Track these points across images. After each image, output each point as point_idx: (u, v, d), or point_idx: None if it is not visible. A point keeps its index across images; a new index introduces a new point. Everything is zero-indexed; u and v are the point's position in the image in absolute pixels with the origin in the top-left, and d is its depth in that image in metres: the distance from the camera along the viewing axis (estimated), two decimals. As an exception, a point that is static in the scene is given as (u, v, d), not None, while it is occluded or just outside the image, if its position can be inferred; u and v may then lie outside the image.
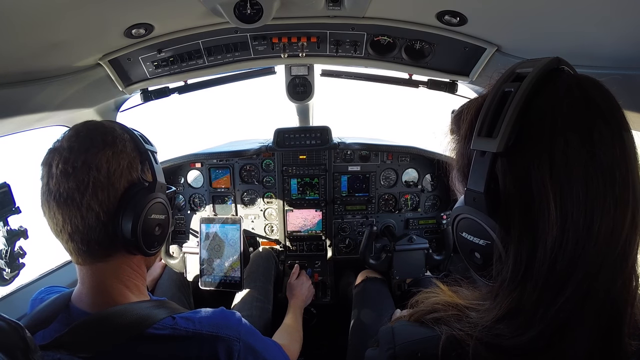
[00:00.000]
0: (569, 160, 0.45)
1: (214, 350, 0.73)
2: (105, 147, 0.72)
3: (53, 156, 0.71)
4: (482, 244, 0.52)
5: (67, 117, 1.43)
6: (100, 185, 0.70)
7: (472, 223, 0.53)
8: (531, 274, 0.46)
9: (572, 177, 0.45)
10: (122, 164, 0.74)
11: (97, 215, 0.70)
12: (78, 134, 0.73)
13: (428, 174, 2.11)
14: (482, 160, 0.50)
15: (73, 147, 0.70)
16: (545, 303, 0.46)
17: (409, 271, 1.76)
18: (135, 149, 0.78)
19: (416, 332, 0.57)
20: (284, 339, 1.30)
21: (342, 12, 1.20)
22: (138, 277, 0.82)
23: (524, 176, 0.47)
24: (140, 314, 0.73)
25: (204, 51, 1.38)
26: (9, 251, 1.07)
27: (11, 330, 0.55)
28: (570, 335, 0.46)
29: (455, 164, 0.63)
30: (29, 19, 0.80)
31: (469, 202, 0.53)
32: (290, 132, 2.00)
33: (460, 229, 0.56)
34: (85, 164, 0.69)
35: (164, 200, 0.83)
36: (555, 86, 0.49)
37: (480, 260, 0.54)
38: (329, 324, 1.96)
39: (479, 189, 0.51)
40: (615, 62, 0.86)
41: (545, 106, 0.48)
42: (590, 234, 0.44)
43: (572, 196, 0.44)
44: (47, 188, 0.71)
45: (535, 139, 0.47)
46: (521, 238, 0.47)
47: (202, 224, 1.61)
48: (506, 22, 1.01)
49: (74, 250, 0.73)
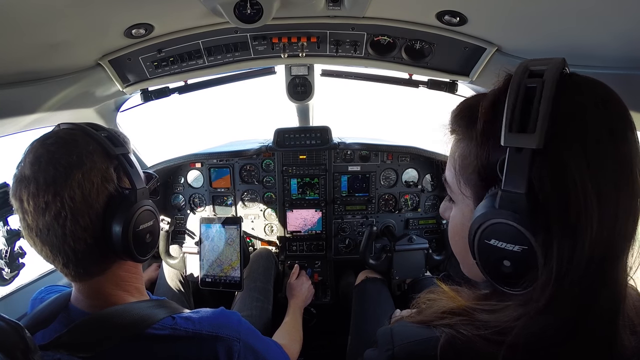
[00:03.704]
0: (601, 156, 0.45)
1: (213, 350, 0.73)
2: (73, 171, 0.66)
3: (20, 189, 0.66)
4: (518, 250, 0.47)
5: (67, 117, 1.43)
6: (79, 212, 0.66)
7: (506, 228, 0.48)
8: (570, 273, 0.45)
9: (604, 172, 0.45)
10: (96, 181, 0.68)
11: (84, 241, 0.68)
12: (39, 160, 0.66)
13: (428, 174, 2.11)
14: (518, 157, 0.46)
15: (38, 180, 0.65)
16: (574, 297, 0.46)
17: (409, 271, 1.76)
18: (104, 158, 0.71)
19: (415, 333, 0.57)
20: (284, 338, 1.31)
21: (342, 12, 1.20)
22: (136, 278, 0.82)
23: (561, 172, 0.45)
24: (140, 314, 0.73)
25: (204, 51, 1.38)
26: (9, 251, 1.07)
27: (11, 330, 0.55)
28: (580, 329, 0.47)
29: (460, 166, 0.58)
30: (29, 19, 0.80)
31: (505, 205, 0.47)
32: (290, 132, 2.00)
33: (488, 236, 0.50)
34: (56, 196, 0.64)
35: (149, 206, 0.78)
36: (576, 83, 0.49)
37: (510, 268, 0.49)
38: (329, 324, 1.96)
39: (519, 190, 0.46)
40: (615, 62, 0.86)
41: (572, 103, 0.47)
42: (615, 227, 0.45)
43: (606, 190, 0.45)
44: (25, 223, 0.67)
45: (569, 135, 0.46)
46: (563, 238, 0.45)
47: (202, 224, 1.61)
48: (506, 22, 1.01)
49: (71, 273, 0.72)
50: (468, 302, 0.59)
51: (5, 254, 1.07)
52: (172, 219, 2.10)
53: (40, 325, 0.72)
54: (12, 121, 1.15)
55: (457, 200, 0.61)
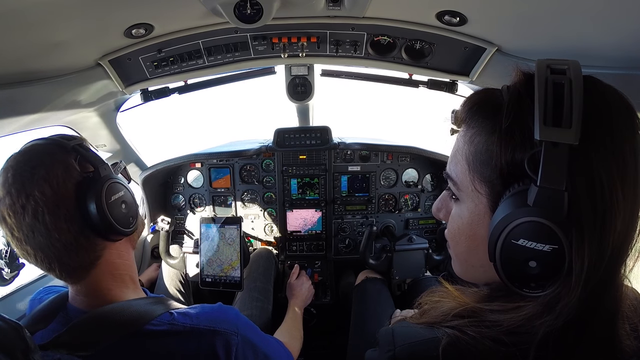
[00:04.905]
0: (626, 155, 0.46)
1: (212, 344, 0.73)
2: (36, 170, 0.70)
3: (0, 209, 0.70)
4: (548, 249, 0.46)
5: (67, 117, 1.43)
6: (54, 204, 0.70)
7: (537, 227, 0.46)
8: (596, 273, 0.45)
9: (628, 171, 0.46)
10: (59, 173, 0.72)
11: (68, 231, 0.71)
12: (7, 178, 0.71)
13: (428, 174, 2.11)
14: (555, 153, 0.44)
15: (11, 192, 0.69)
16: (589, 298, 0.46)
17: (409, 271, 1.76)
18: (62, 151, 0.76)
19: (417, 333, 0.56)
20: (284, 337, 1.30)
21: (342, 12, 1.20)
22: (129, 266, 0.83)
23: (592, 170, 0.45)
24: (138, 310, 0.73)
25: (204, 51, 1.38)
26: (9, 251, 1.07)
27: (11, 330, 0.55)
28: (587, 328, 0.47)
29: (475, 162, 0.54)
30: (29, 19, 0.80)
31: (540, 203, 0.45)
32: (290, 132, 2.00)
33: (516, 236, 0.47)
34: (29, 196, 0.68)
35: (114, 179, 0.81)
36: (596, 84, 0.49)
37: (536, 269, 0.47)
38: (329, 324, 1.96)
39: (558, 186, 0.44)
40: (615, 62, 0.86)
41: (599, 102, 0.47)
42: (630, 227, 0.46)
43: (628, 190, 0.45)
44: (15, 240, 0.71)
45: (599, 134, 0.46)
46: (593, 237, 0.44)
47: (202, 224, 1.62)
48: (506, 22, 1.01)
49: (69, 274, 0.73)
50: (474, 302, 0.58)
51: (5, 254, 1.07)
52: (172, 219, 2.10)
53: (39, 325, 0.73)
54: (12, 121, 1.15)
55: (465, 198, 0.58)
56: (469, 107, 0.57)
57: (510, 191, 0.49)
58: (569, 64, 0.48)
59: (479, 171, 0.54)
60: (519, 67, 0.53)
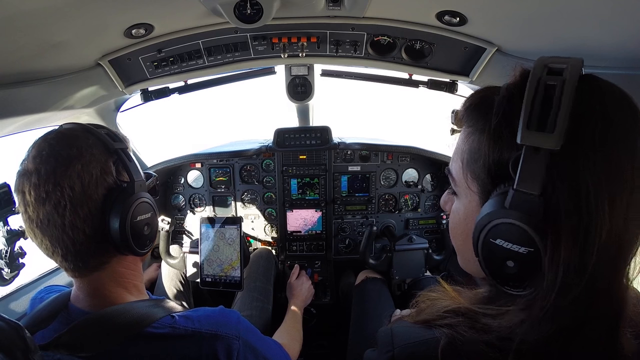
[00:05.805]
0: (620, 161, 0.44)
1: (213, 348, 0.73)
2: (73, 162, 0.68)
3: (23, 182, 0.68)
4: (523, 251, 0.46)
5: (67, 117, 1.43)
6: (78, 202, 0.68)
7: (514, 229, 0.46)
8: (575, 279, 0.44)
9: (620, 177, 0.44)
10: (95, 173, 0.70)
11: (83, 231, 0.69)
12: (41, 154, 0.69)
13: (428, 174, 2.11)
14: (536, 157, 0.44)
15: (40, 171, 0.67)
16: (578, 302, 0.45)
17: (409, 271, 1.76)
18: (104, 151, 0.74)
19: (416, 334, 0.56)
20: (284, 338, 1.30)
21: (342, 12, 1.20)
22: (135, 276, 0.82)
23: (576, 177, 0.44)
24: (139, 312, 0.73)
25: (204, 51, 1.38)
26: (9, 251, 1.07)
27: (11, 330, 0.55)
28: (581, 334, 0.46)
29: (468, 160, 0.55)
30: (28, 19, 0.80)
31: (516, 206, 0.46)
32: (290, 132, 2.00)
33: (494, 235, 0.48)
34: (57, 185, 0.66)
35: (146, 198, 0.79)
36: (594, 85, 0.48)
37: (513, 269, 0.48)
38: (329, 324, 1.96)
39: (533, 191, 0.44)
40: (615, 62, 0.86)
41: (592, 105, 0.46)
42: (624, 233, 0.45)
43: (620, 196, 0.44)
44: (27, 216, 0.69)
45: (588, 138, 0.44)
46: (571, 244, 0.44)
47: (202, 224, 1.61)
48: (506, 22, 1.01)
49: (70, 267, 0.73)
50: (469, 303, 0.58)
51: (5, 254, 1.07)
52: (172, 219, 2.10)
53: (40, 325, 0.72)
54: (12, 121, 1.15)
55: (461, 194, 0.59)
56: (467, 106, 0.57)
57: (497, 191, 0.50)
58: (570, 62, 0.46)
59: (471, 169, 0.55)
60: (519, 66, 0.53)
